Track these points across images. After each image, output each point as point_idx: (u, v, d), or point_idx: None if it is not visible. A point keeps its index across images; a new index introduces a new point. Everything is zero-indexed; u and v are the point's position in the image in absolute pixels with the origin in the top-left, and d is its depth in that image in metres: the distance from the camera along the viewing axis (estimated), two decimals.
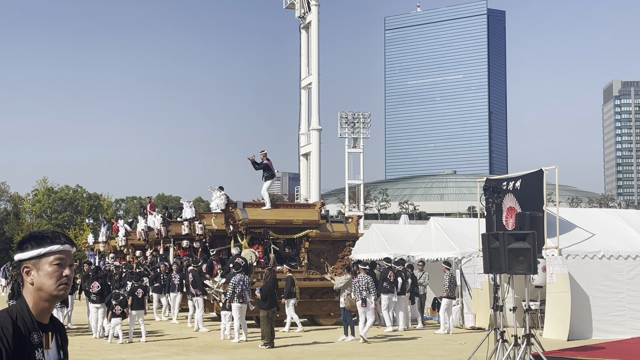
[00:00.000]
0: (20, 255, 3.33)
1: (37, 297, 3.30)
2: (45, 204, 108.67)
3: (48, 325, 3.34)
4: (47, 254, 3.30)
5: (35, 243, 3.32)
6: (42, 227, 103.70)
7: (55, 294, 3.30)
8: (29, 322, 3.24)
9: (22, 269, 3.30)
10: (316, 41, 78.19)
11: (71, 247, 3.36)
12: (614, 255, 20.42)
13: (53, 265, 3.29)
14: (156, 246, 34.37)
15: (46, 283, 3.27)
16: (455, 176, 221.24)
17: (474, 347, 14.50)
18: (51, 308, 3.36)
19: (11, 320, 3.18)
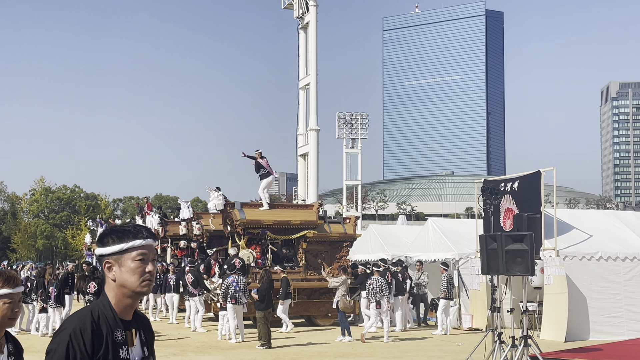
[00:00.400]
0: (102, 250, 3.26)
1: (120, 293, 3.23)
2: (42, 204, 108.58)
3: (131, 321, 3.29)
4: (129, 249, 3.23)
5: (116, 238, 3.25)
6: (39, 227, 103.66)
7: (139, 291, 3.24)
8: (112, 319, 3.19)
9: (103, 264, 3.24)
10: (314, 41, 78.11)
11: (153, 242, 3.31)
12: (612, 256, 20.42)
13: (136, 261, 3.22)
14: None
15: (129, 279, 3.21)
16: (453, 177, 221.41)
17: (471, 348, 14.50)
18: (134, 304, 3.30)
19: (91, 319, 3.12)
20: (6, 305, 3.94)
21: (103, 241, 3.27)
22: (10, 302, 3.96)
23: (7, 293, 3.94)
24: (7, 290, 3.95)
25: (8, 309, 3.95)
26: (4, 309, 3.94)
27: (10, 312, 3.96)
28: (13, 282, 3.99)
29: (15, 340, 4.14)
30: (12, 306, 3.97)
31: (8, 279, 3.98)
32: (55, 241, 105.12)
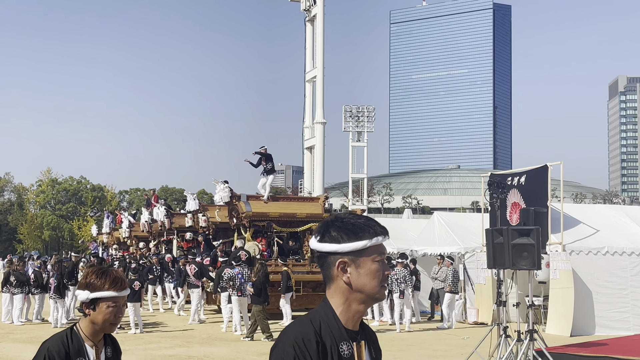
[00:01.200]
0: (334, 247, 2.70)
1: (353, 299, 2.72)
2: (49, 195, 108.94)
3: (358, 332, 2.76)
4: (370, 248, 2.72)
5: (352, 233, 2.72)
6: (45, 218, 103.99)
7: (378, 297, 2.75)
8: (336, 329, 2.68)
9: (336, 265, 2.69)
10: (321, 34, 78.01)
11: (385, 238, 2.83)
12: (618, 251, 20.38)
13: (376, 262, 2.72)
14: (160, 238, 34.42)
15: (369, 284, 2.70)
16: (459, 171, 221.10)
17: (476, 342, 14.49)
18: (364, 312, 2.80)
19: (313, 330, 2.65)
20: (110, 309, 3.62)
21: (331, 236, 2.72)
22: (115, 306, 3.64)
23: (112, 296, 3.62)
24: (112, 292, 3.62)
25: (111, 314, 3.63)
26: (107, 313, 3.62)
27: (113, 317, 3.65)
28: (120, 284, 3.65)
29: (115, 343, 3.86)
30: (116, 310, 3.65)
31: (115, 280, 3.65)
32: (61, 232, 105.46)
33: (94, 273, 3.64)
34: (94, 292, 3.59)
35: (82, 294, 3.60)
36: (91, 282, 3.60)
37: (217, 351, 16.38)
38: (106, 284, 3.60)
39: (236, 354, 15.90)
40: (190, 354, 15.94)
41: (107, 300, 3.61)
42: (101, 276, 3.61)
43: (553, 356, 11.95)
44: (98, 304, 3.59)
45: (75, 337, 3.63)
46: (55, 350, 3.55)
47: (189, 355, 15.75)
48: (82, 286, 3.63)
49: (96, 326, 3.65)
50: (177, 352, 16.25)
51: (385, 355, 15.95)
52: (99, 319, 3.62)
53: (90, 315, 3.63)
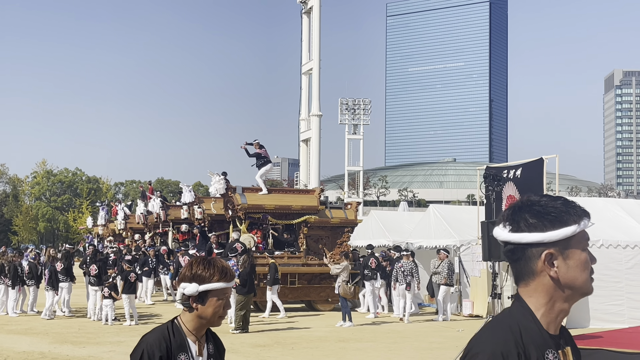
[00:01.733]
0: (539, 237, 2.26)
1: (558, 297, 2.29)
2: (44, 187, 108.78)
3: (560, 336, 2.36)
4: (578, 235, 2.33)
5: (555, 219, 2.28)
6: (40, 210, 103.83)
7: (588, 292, 2.36)
8: (539, 336, 2.25)
9: (542, 257, 2.25)
10: (317, 26, 77.93)
11: None
12: (613, 244, 20.41)
13: (585, 251, 2.35)
14: (155, 230, 34.39)
15: (579, 277, 2.31)
16: (455, 164, 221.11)
17: (471, 334, 14.46)
18: (569, 312, 2.36)
19: (514, 340, 2.22)
20: (220, 301, 3.40)
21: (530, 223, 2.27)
22: (224, 298, 3.42)
23: (222, 287, 3.40)
24: (222, 284, 3.39)
25: (220, 306, 3.41)
26: (217, 305, 3.39)
27: (222, 310, 3.43)
28: (229, 274, 3.44)
29: (217, 339, 3.62)
30: (225, 303, 3.43)
31: (223, 270, 3.43)
32: (56, 224, 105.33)
33: (200, 264, 3.42)
34: (203, 285, 3.36)
35: (190, 287, 3.37)
36: (199, 274, 3.38)
37: None
38: (215, 275, 3.39)
39: (231, 346, 15.90)
40: None
41: (218, 293, 3.40)
42: (208, 267, 3.39)
43: None
44: (207, 296, 3.37)
45: (177, 331, 3.42)
46: (156, 345, 3.36)
47: None
48: (187, 279, 3.40)
49: (203, 320, 3.43)
50: None
51: (381, 347, 16.01)
52: (208, 313, 3.39)
53: (198, 309, 3.39)
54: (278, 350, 15.42)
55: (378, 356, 14.74)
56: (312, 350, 15.44)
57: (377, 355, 14.79)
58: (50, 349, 15.27)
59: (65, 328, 18.91)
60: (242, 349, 15.44)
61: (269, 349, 15.51)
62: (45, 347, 15.52)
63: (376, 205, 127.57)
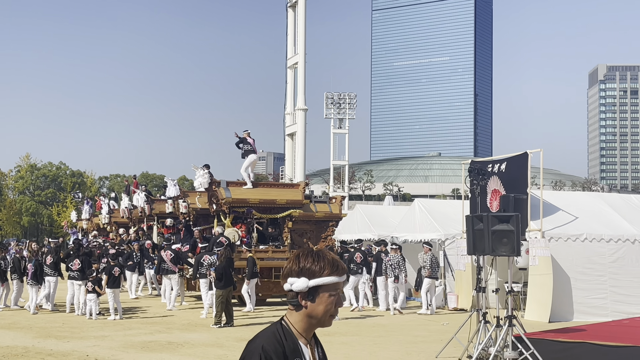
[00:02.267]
0: None
1: None
2: (28, 181, 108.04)
3: None
4: None
5: None
6: (24, 204, 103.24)
7: None
8: None
9: None
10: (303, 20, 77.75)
11: None
12: (597, 238, 20.52)
13: None
14: (140, 224, 34.25)
15: None
16: (440, 158, 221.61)
17: (456, 327, 14.55)
18: None
19: None
20: (331, 298, 3.12)
21: None
22: (336, 294, 3.14)
23: (334, 282, 3.12)
24: (334, 278, 3.11)
25: (332, 303, 3.13)
26: (329, 302, 3.11)
27: (334, 308, 3.15)
28: (340, 268, 3.16)
29: (321, 345, 3.33)
30: (337, 299, 3.15)
31: (334, 263, 3.15)
32: (40, 218, 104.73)
33: (309, 257, 3.14)
34: (314, 279, 3.09)
35: (298, 283, 3.09)
36: (308, 268, 3.11)
37: (197, 337, 16.35)
38: (326, 268, 3.11)
39: (216, 340, 15.89)
40: (170, 340, 15.90)
41: (329, 288, 3.11)
42: (318, 260, 3.12)
43: (531, 342, 12.03)
44: (318, 293, 3.09)
45: (288, 334, 3.13)
46: (272, 350, 3.05)
47: (169, 341, 15.71)
48: (295, 273, 3.12)
49: (313, 320, 3.15)
50: (157, 338, 16.21)
51: (366, 340, 16.04)
52: (318, 311, 3.11)
53: (308, 307, 3.11)
54: None
55: (363, 350, 14.76)
56: None
57: (362, 349, 14.81)
58: (34, 344, 15.19)
59: (49, 322, 18.82)
60: (227, 343, 15.42)
61: None
62: (29, 342, 15.43)
63: (361, 200, 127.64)
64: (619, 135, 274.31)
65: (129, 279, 26.79)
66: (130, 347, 14.79)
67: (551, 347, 12.05)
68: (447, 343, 13.77)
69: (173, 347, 14.86)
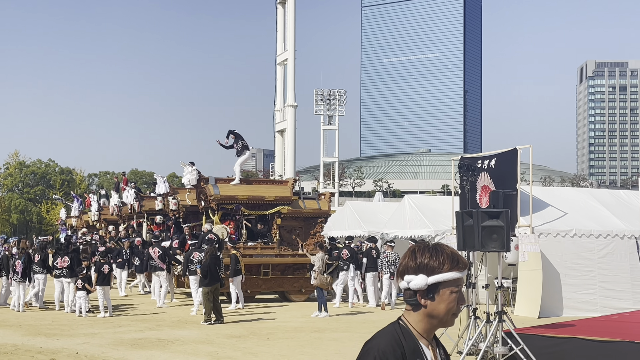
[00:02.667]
0: None
1: None
2: (17, 178, 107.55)
3: None
4: None
5: None
6: (13, 202, 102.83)
7: None
8: None
9: None
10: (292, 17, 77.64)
11: None
12: (586, 234, 20.59)
13: None
14: (129, 221, 34.15)
15: None
16: (430, 154, 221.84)
17: None
18: None
19: None
20: (453, 295, 2.91)
21: None
22: (458, 291, 2.93)
23: (455, 278, 2.91)
24: (455, 273, 2.91)
25: (454, 301, 2.92)
26: (451, 300, 2.91)
27: (456, 306, 2.94)
28: (461, 262, 2.96)
29: (443, 346, 3.13)
30: (459, 297, 2.94)
31: (454, 257, 2.95)
32: (29, 216, 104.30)
33: (426, 251, 2.96)
34: (433, 276, 2.89)
35: (417, 280, 2.90)
36: (426, 264, 2.91)
37: (187, 334, 16.32)
38: (445, 263, 2.91)
39: (206, 337, 15.86)
40: (160, 337, 15.87)
41: (450, 284, 2.91)
42: (436, 254, 2.93)
43: (521, 337, 12.06)
44: (438, 290, 2.89)
45: (407, 335, 2.93)
46: (390, 351, 2.87)
47: (159, 338, 15.67)
48: (412, 270, 2.93)
49: (434, 320, 2.94)
50: (147, 335, 16.17)
51: (356, 336, 16.03)
52: (440, 310, 2.91)
53: (428, 306, 2.91)
54: (254, 340, 15.40)
55: (354, 346, 14.76)
56: (288, 340, 15.44)
57: (352, 345, 14.82)
58: (24, 341, 15.13)
59: (39, 320, 18.75)
60: (218, 340, 15.39)
61: (244, 340, 15.48)
62: (18, 340, 15.37)
63: (351, 196, 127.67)
64: (607, 131, 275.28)
65: (119, 276, 26.72)
66: (120, 345, 14.75)
67: (541, 342, 12.09)
68: None
69: (163, 345, 14.83)
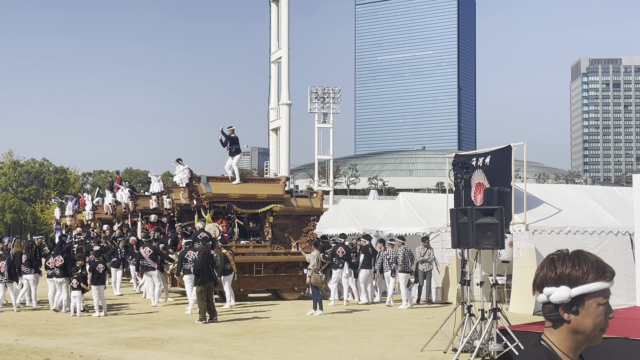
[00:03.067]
0: None
1: None
2: (11, 177, 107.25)
3: None
4: None
5: None
6: (7, 201, 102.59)
7: None
8: None
9: None
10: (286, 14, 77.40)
11: None
12: (580, 230, 20.63)
13: None
14: (124, 220, 34.10)
15: None
16: (424, 152, 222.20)
17: (441, 321, 14.59)
18: None
19: None
20: (600, 308, 2.56)
21: None
22: (605, 303, 2.58)
23: (603, 289, 2.57)
24: (602, 283, 2.56)
25: (601, 314, 2.57)
26: (598, 314, 2.56)
27: (604, 320, 2.59)
28: (608, 270, 2.60)
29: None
30: (607, 309, 2.59)
31: (599, 266, 2.60)
32: (24, 215, 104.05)
33: (566, 260, 2.63)
34: (577, 287, 2.56)
35: (558, 293, 2.58)
36: (568, 274, 2.58)
37: (182, 333, 16.30)
38: (590, 272, 2.57)
39: (201, 336, 15.85)
40: (155, 336, 15.85)
41: (597, 296, 2.56)
42: (579, 263, 2.59)
43: (516, 334, 12.07)
44: (583, 302, 2.55)
45: (551, 356, 2.61)
46: None
47: (154, 337, 15.66)
48: (552, 281, 2.60)
49: (580, 336, 2.60)
50: (142, 334, 16.15)
51: (351, 334, 16.04)
52: (586, 325, 2.56)
53: (571, 321, 2.57)
54: (249, 339, 15.39)
55: (349, 344, 14.77)
56: (283, 339, 15.44)
57: (347, 343, 14.83)
58: (18, 341, 15.10)
59: (33, 320, 18.71)
60: (213, 339, 15.38)
61: (239, 339, 15.48)
62: (13, 339, 15.34)
63: (346, 194, 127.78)
64: (601, 128, 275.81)
65: (113, 275, 26.68)
66: (115, 344, 14.73)
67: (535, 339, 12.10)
68: (432, 336, 13.81)
69: (158, 344, 14.81)
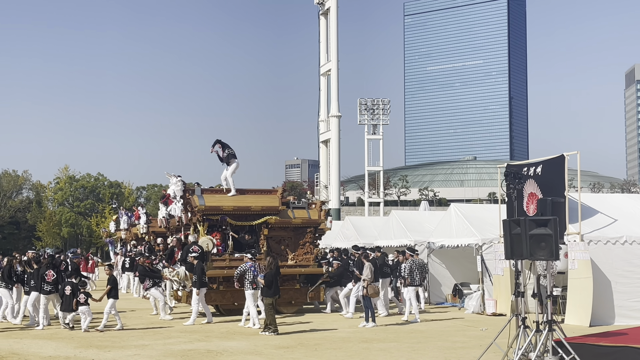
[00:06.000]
0: None
1: None
2: (67, 192, 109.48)
3: None
4: None
5: None
6: (64, 215, 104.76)
7: None
8: None
9: None
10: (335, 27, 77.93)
11: None
12: (637, 240, 20.24)
13: None
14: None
15: None
16: (476, 162, 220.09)
17: (495, 333, 14.46)
18: None
19: None
20: None
21: None
22: None
23: None
24: None
25: None
26: None
27: None
28: None
29: None
30: None
31: None
32: (80, 229, 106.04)
33: None
34: None
35: None
36: None
37: (236, 345, 16.44)
38: None
39: (255, 348, 15.96)
40: (209, 348, 16.02)
41: None
42: None
43: (572, 346, 11.92)
44: None
45: None
46: None
47: (208, 349, 15.82)
48: None
49: None
50: (197, 346, 16.33)
51: (404, 346, 15.98)
52: None
53: None
54: (302, 351, 15.45)
55: (401, 356, 14.73)
56: (336, 351, 15.46)
57: (400, 355, 14.79)
58: (76, 353, 15.40)
59: (91, 332, 19.04)
60: (266, 351, 15.48)
61: (292, 350, 15.55)
62: (71, 352, 15.65)
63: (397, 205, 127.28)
64: None
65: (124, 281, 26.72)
66: (170, 356, 14.92)
67: (592, 351, 11.93)
68: (486, 348, 13.69)
69: (212, 356, 14.96)
